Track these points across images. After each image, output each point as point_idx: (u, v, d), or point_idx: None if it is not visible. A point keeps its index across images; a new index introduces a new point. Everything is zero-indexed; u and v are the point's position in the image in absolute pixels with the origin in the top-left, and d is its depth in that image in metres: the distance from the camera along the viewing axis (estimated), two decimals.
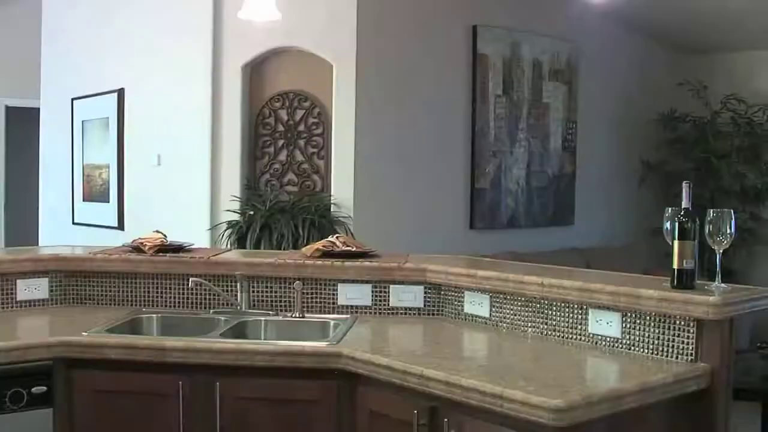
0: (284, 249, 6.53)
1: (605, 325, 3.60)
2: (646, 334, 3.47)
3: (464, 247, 7.53)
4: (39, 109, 10.11)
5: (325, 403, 3.59)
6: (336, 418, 3.58)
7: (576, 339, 3.72)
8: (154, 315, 4.42)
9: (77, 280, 4.62)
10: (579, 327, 3.71)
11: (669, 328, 3.40)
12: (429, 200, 7.87)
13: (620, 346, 3.56)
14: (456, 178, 8.16)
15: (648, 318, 3.46)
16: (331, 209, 7.10)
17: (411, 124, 7.69)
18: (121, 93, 8.59)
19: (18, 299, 4.48)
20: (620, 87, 9.94)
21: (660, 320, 3.43)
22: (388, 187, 7.50)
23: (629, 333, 3.53)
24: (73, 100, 9.35)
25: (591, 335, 3.67)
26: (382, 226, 7.25)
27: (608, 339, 3.60)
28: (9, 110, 11.85)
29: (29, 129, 10.63)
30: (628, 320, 3.53)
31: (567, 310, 3.76)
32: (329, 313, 4.39)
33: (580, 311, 3.71)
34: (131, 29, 8.48)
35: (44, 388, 3.70)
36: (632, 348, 3.51)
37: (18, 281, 4.47)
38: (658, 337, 3.44)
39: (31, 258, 4.56)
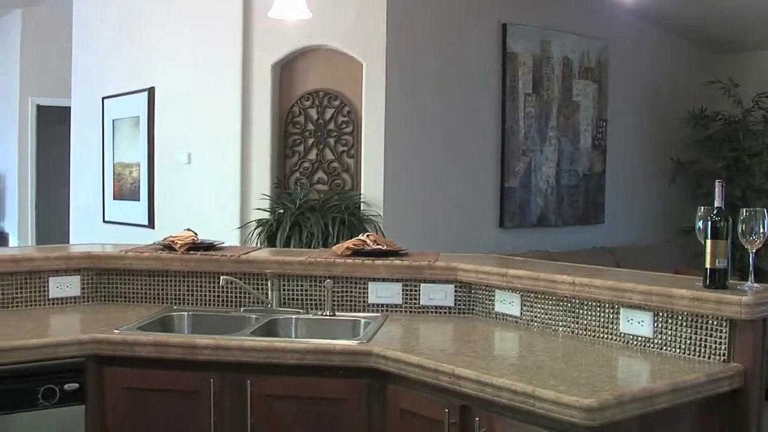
0: (314, 247, 6.54)
1: (637, 324, 3.59)
2: (678, 334, 3.45)
3: (494, 246, 7.52)
4: (70, 108, 10.16)
5: (356, 402, 3.59)
6: (366, 417, 3.58)
7: (607, 338, 3.71)
8: (185, 313, 4.44)
9: (108, 278, 4.64)
10: (610, 326, 3.70)
11: (701, 328, 3.38)
12: (459, 199, 7.85)
13: (652, 345, 3.54)
14: (486, 176, 8.14)
15: (680, 318, 3.44)
16: (361, 207, 7.10)
17: (441, 123, 7.68)
18: (151, 92, 8.63)
19: (50, 296, 4.51)
20: (650, 85, 9.89)
21: (692, 320, 3.41)
22: (418, 185, 7.50)
23: (661, 333, 3.51)
24: (103, 99, 9.40)
25: (622, 335, 3.65)
26: (412, 224, 7.25)
27: (640, 338, 3.58)
28: (40, 109, 11.94)
29: (60, 128, 10.70)
30: (660, 320, 3.51)
31: (598, 309, 3.75)
32: (360, 312, 4.39)
33: (611, 310, 3.69)
34: (162, 28, 8.51)
35: (76, 384, 3.72)
36: (664, 348, 3.50)
37: (50, 279, 4.50)
38: (690, 336, 3.42)
39: (63, 256, 4.58)
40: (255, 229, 7.13)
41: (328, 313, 4.31)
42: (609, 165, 9.35)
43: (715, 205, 3.40)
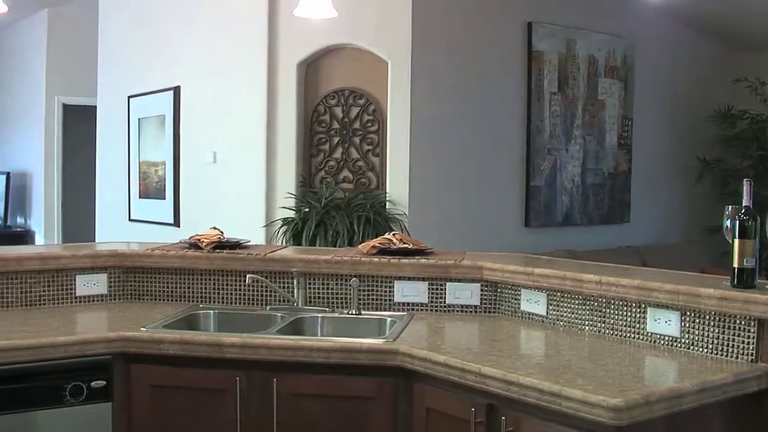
0: (339, 246, 6.55)
1: (664, 324, 3.57)
2: (706, 334, 3.44)
3: (519, 245, 7.51)
4: (96, 107, 10.21)
5: (382, 400, 3.59)
6: (392, 415, 3.58)
7: (634, 338, 3.69)
8: (211, 311, 4.45)
9: (135, 276, 4.66)
10: (637, 326, 3.69)
11: (729, 328, 3.36)
12: (484, 198, 7.85)
13: (679, 345, 3.52)
14: (511, 175, 8.14)
15: (707, 317, 3.43)
16: (387, 206, 7.10)
17: (466, 122, 7.68)
18: (177, 90, 8.65)
19: (77, 294, 4.53)
20: (676, 83, 9.87)
21: (720, 319, 3.39)
22: (444, 184, 7.50)
23: (688, 332, 3.49)
24: (129, 97, 9.43)
25: (649, 334, 3.64)
26: (437, 223, 7.25)
27: (667, 338, 3.57)
28: (66, 108, 12.00)
29: (86, 127, 10.76)
30: (687, 319, 3.49)
31: (625, 308, 3.73)
32: (385, 311, 4.39)
33: (638, 310, 3.68)
34: (187, 27, 8.53)
35: (103, 382, 3.73)
36: (691, 347, 3.48)
37: (77, 277, 4.52)
38: (718, 336, 3.40)
39: (90, 254, 4.60)
40: (280, 227, 7.14)
41: (353, 312, 4.32)
42: (634, 164, 9.33)
43: (743, 204, 3.38)
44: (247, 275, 4.40)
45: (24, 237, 12.41)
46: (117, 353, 3.77)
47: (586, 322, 3.88)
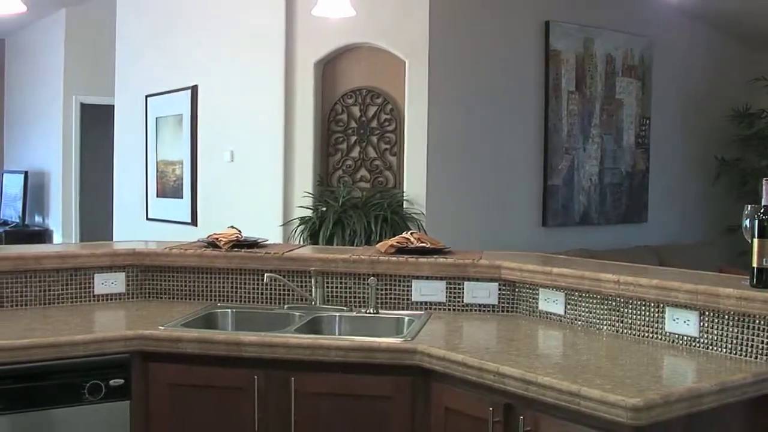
0: (357, 245, 6.55)
1: (682, 323, 3.56)
2: (725, 334, 3.42)
3: (536, 244, 7.50)
4: (113, 106, 10.24)
5: (400, 400, 3.59)
6: (410, 415, 3.57)
7: (652, 337, 3.68)
8: (229, 310, 4.45)
9: (153, 275, 4.67)
10: (655, 325, 3.67)
11: (748, 328, 3.35)
12: (501, 197, 7.84)
13: (698, 345, 3.51)
14: (528, 174, 8.13)
15: (727, 317, 3.41)
16: (404, 205, 7.10)
17: (483, 121, 7.67)
18: (194, 90, 8.67)
19: (95, 293, 4.54)
20: (694, 83, 9.84)
21: (739, 319, 3.37)
22: (461, 183, 7.49)
23: (707, 332, 3.48)
24: (147, 97, 9.46)
25: (668, 334, 3.63)
26: (455, 222, 7.25)
27: (685, 338, 3.56)
28: (84, 107, 12.03)
29: (104, 126, 10.79)
30: (706, 319, 3.48)
31: (643, 308, 3.72)
32: (403, 310, 4.38)
33: (656, 309, 3.67)
34: (205, 27, 8.55)
35: (121, 380, 3.74)
36: (710, 347, 3.47)
37: (96, 275, 4.54)
38: (737, 336, 3.38)
39: (108, 253, 4.61)
40: (298, 226, 7.15)
41: (371, 311, 4.32)
42: (652, 163, 9.30)
43: (763, 204, 3.37)
44: (265, 274, 4.40)
45: (42, 236, 12.45)
46: (135, 352, 3.78)
47: (605, 322, 3.88)
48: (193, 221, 8.70)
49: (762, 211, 3.35)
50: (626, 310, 3.79)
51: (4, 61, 14.24)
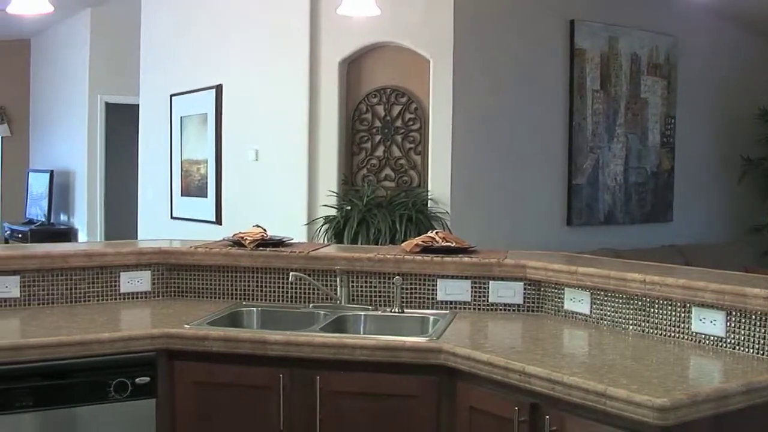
0: (381, 244, 6.55)
1: (709, 323, 3.54)
2: (752, 334, 3.40)
3: (561, 243, 7.49)
4: (138, 105, 10.27)
5: (425, 399, 3.58)
6: (435, 414, 3.57)
7: (678, 337, 3.67)
8: (254, 308, 4.46)
9: (179, 274, 4.68)
10: (682, 325, 3.66)
11: None
12: (526, 196, 7.83)
13: (724, 345, 3.49)
14: (553, 173, 8.11)
15: (754, 317, 3.39)
16: (428, 205, 7.10)
17: (508, 120, 7.66)
18: (219, 89, 8.69)
19: (121, 291, 4.56)
20: (720, 81, 9.79)
21: (766, 319, 3.35)
22: (485, 182, 7.48)
23: (734, 332, 3.46)
24: (171, 96, 9.49)
25: (694, 334, 3.61)
26: (479, 221, 7.24)
27: (712, 338, 3.54)
28: (109, 107, 12.07)
29: (128, 125, 10.83)
30: (733, 319, 3.46)
31: (669, 308, 3.71)
32: (428, 309, 4.39)
33: (682, 309, 3.65)
34: (230, 26, 8.57)
35: (147, 378, 3.76)
36: (737, 347, 3.45)
37: (122, 274, 4.56)
38: (764, 336, 3.37)
39: (134, 251, 4.63)
40: (322, 225, 7.16)
41: (396, 310, 4.32)
42: (677, 162, 9.26)
43: None
44: (290, 273, 4.40)
45: (67, 234, 12.51)
46: (161, 350, 3.79)
47: (631, 322, 3.86)
48: (218, 220, 8.72)
49: None
50: (652, 309, 3.77)
51: (30, 61, 14.32)
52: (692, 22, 9.35)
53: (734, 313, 3.45)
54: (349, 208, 7.08)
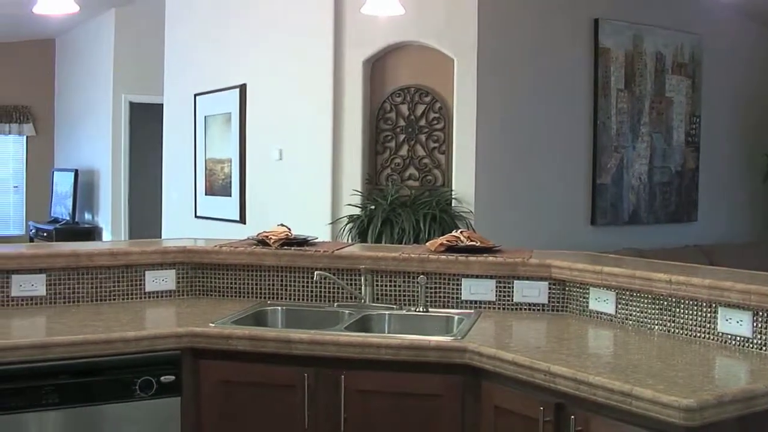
0: (405, 243, 6.56)
1: (735, 324, 3.53)
2: None
3: (585, 243, 7.46)
4: (162, 105, 10.31)
5: (449, 398, 3.58)
6: (460, 413, 3.57)
7: (704, 338, 3.65)
8: (279, 307, 4.47)
9: (203, 272, 4.70)
10: (708, 326, 3.64)
11: None
12: (550, 195, 7.82)
13: (751, 345, 3.47)
14: (577, 173, 8.09)
15: None
16: (452, 204, 7.10)
17: (532, 119, 7.65)
18: (243, 88, 8.71)
19: (146, 290, 4.58)
20: (745, 80, 9.74)
21: None
22: (510, 182, 7.47)
23: (761, 332, 3.44)
24: (195, 95, 9.52)
25: (720, 334, 3.59)
26: (503, 221, 7.22)
27: (738, 338, 3.52)
28: (133, 106, 12.12)
29: (153, 124, 10.87)
30: (760, 319, 3.44)
31: (695, 308, 3.69)
32: (453, 308, 4.38)
33: (708, 309, 3.63)
34: (253, 25, 8.59)
35: (172, 377, 3.77)
36: (763, 348, 3.43)
37: (146, 272, 4.57)
38: None
39: (159, 250, 4.64)
40: (346, 225, 7.17)
41: (421, 309, 4.31)
42: (702, 161, 9.22)
43: None
44: (315, 272, 4.41)
45: (91, 233, 12.58)
46: (186, 348, 3.80)
47: (656, 322, 3.85)
48: (242, 219, 8.74)
49: None
50: (678, 310, 3.76)
51: (55, 60, 14.40)
52: (717, 21, 9.31)
53: (761, 313, 3.44)
54: (373, 207, 7.09)
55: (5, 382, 3.48)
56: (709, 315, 3.63)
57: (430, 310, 4.33)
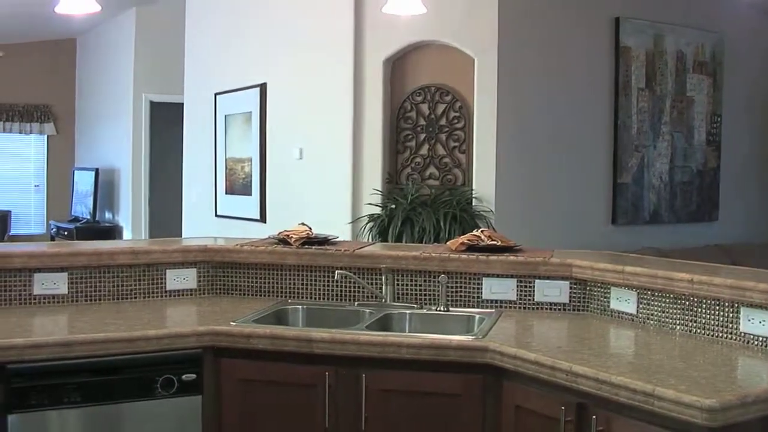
0: (426, 243, 6.55)
1: (758, 324, 3.51)
2: None
3: (606, 242, 7.45)
4: (182, 104, 10.33)
5: (470, 397, 3.58)
6: (481, 413, 3.57)
7: (726, 338, 3.64)
8: (300, 306, 4.47)
9: (224, 271, 4.71)
10: (730, 326, 3.63)
11: None
12: (571, 195, 7.79)
13: None
14: (598, 172, 8.07)
15: None
16: (473, 203, 7.08)
17: (553, 118, 7.63)
18: (263, 87, 8.72)
19: (167, 289, 4.60)
20: (766, 79, 9.69)
21: None
22: (530, 181, 7.46)
23: None
24: (216, 95, 9.53)
25: (742, 334, 3.58)
26: (524, 220, 7.21)
27: (761, 338, 3.51)
28: (153, 105, 12.15)
29: (173, 124, 10.89)
30: None
31: (717, 308, 3.68)
32: (473, 307, 4.38)
33: (731, 309, 3.62)
34: (273, 24, 8.60)
35: (193, 375, 3.78)
36: None
37: (168, 271, 4.59)
38: None
39: (180, 249, 4.66)
40: (366, 224, 7.16)
41: (442, 309, 4.31)
42: (723, 161, 9.18)
43: None
44: (336, 271, 4.41)
45: (112, 232, 12.63)
46: (207, 347, 3.81)
47: (678, 322, 3.84)
48: (262, 218, 8.75)
49: None
50: (700, 309, 3.74)
51: (76, 60, 14.46)
52: (737, 19, 9.26)
53: None
54: (393, 206, 7.08)
55: (28, 380, 3.50)
56: (731, 315, 3.62)
57: (450, 309, 4.33)
